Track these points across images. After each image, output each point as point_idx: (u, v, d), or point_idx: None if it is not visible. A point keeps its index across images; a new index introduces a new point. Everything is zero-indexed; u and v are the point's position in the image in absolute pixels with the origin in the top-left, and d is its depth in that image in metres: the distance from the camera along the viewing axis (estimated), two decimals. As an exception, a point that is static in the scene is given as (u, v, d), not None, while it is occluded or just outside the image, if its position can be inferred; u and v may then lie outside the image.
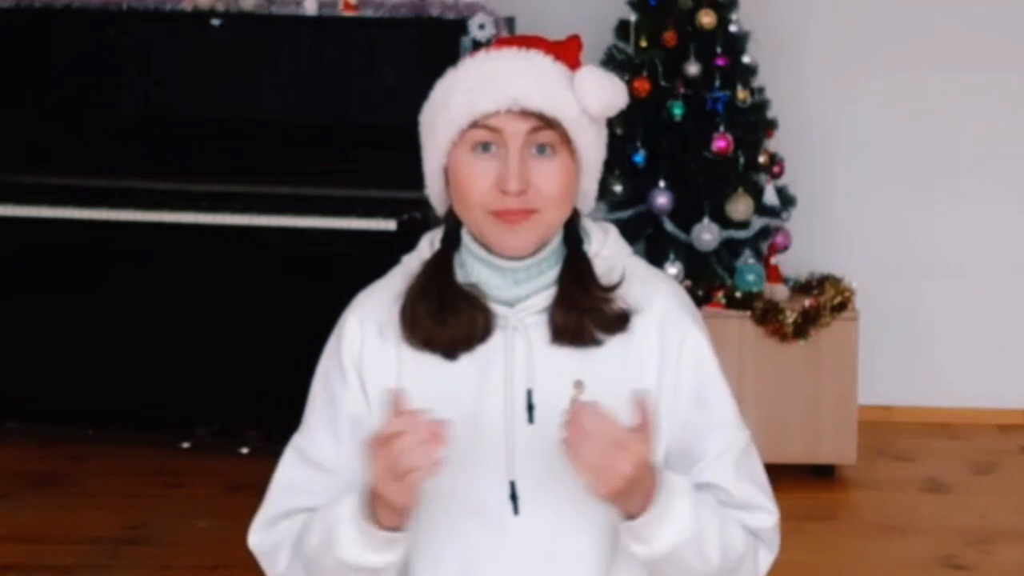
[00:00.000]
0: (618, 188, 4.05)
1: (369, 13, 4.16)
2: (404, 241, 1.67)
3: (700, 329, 1.61)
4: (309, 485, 1.59)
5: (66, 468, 4.03)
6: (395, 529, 1.47)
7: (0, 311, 4.19)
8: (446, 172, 1.56)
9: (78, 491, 3.87)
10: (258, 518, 1.62)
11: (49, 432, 4.22)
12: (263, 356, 4.03)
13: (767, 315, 3.93)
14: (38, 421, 4.25)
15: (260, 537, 1.61)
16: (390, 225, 3.82)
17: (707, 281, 4.02)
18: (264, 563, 1.62)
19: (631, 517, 1.46)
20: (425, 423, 1.41)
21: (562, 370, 1.52)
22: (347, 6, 4.12)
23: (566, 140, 1.52)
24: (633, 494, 1.45)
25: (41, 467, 4.04)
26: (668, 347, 1.57)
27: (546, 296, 1.55)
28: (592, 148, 1.55)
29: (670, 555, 1.48)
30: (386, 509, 1.46)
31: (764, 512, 1.60)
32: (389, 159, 3.96)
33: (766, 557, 1.61)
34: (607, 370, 1.54)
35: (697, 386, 1.59)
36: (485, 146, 1.51)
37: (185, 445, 4.07)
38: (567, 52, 1.54)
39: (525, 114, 1.49)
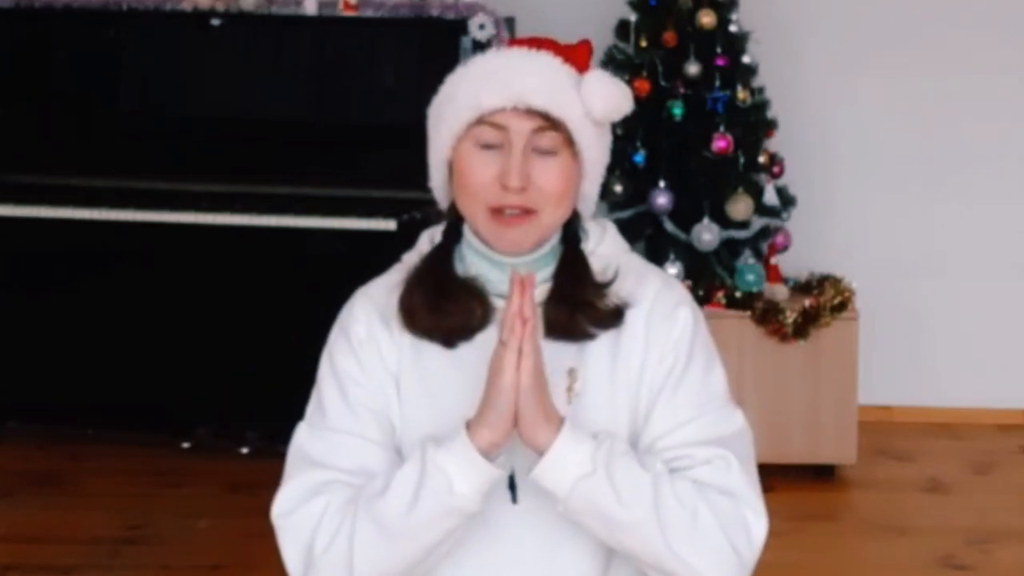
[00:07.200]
0: (618, 188, 4.05)
1: (369, 13, 4.16)
2: (404, 241, 1.68)
3: (690, 312, 1.60)
4: (335, 451, 1.55)
5: (66, 468, 4.03)
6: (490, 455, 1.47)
7: (0, 311, 4.19)
8: (450, 165, 1.57)
9: (78, 491, 3.86)
10: (285, 491, 1.55)
11: (49, 432, 4.22)
12: (263, 356, 4.02)
13: (767, 315, 3.93)
14: (38, 421, 4.25)
15: (288, 509, 1.54)
16: (390, 225, 3.82)
17: (707, 281, 4.02)
18: (286, 539, 1.53)
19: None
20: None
21: (557, 361, 1.53)
22: (347, 6, 4.12)
23: (569, 142, 1.53)
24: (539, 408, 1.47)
25: (41, 467, 4.04)
26: (655, 333, 1.57)
27: (542, 291, 1.56)
28: (595, 151, 1.57)
29: (579, 496, 1.47)
30: (491, 425, 1.46)
31: (722, 463, 1.52)
32: (389, 159, 3.97)
33: (757, 523, 1.52)
34: (598, 362, 1.56)
35: (671, 367, 1.57)
36: (489, 146, 1.52)
37: (185, 445, 4.07)
38: (577, 56, 1.57)
39: (530, 113, 1.51)
